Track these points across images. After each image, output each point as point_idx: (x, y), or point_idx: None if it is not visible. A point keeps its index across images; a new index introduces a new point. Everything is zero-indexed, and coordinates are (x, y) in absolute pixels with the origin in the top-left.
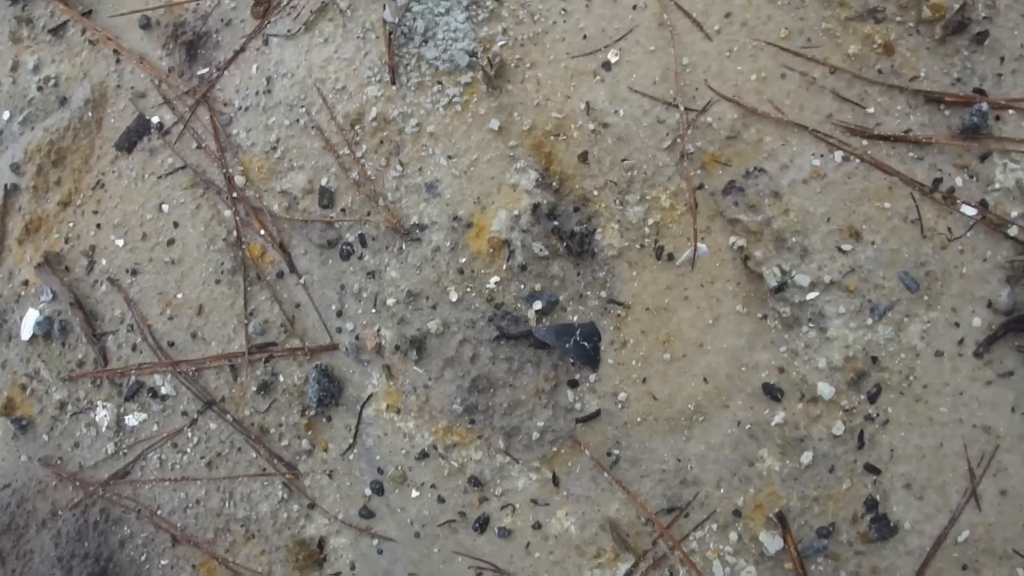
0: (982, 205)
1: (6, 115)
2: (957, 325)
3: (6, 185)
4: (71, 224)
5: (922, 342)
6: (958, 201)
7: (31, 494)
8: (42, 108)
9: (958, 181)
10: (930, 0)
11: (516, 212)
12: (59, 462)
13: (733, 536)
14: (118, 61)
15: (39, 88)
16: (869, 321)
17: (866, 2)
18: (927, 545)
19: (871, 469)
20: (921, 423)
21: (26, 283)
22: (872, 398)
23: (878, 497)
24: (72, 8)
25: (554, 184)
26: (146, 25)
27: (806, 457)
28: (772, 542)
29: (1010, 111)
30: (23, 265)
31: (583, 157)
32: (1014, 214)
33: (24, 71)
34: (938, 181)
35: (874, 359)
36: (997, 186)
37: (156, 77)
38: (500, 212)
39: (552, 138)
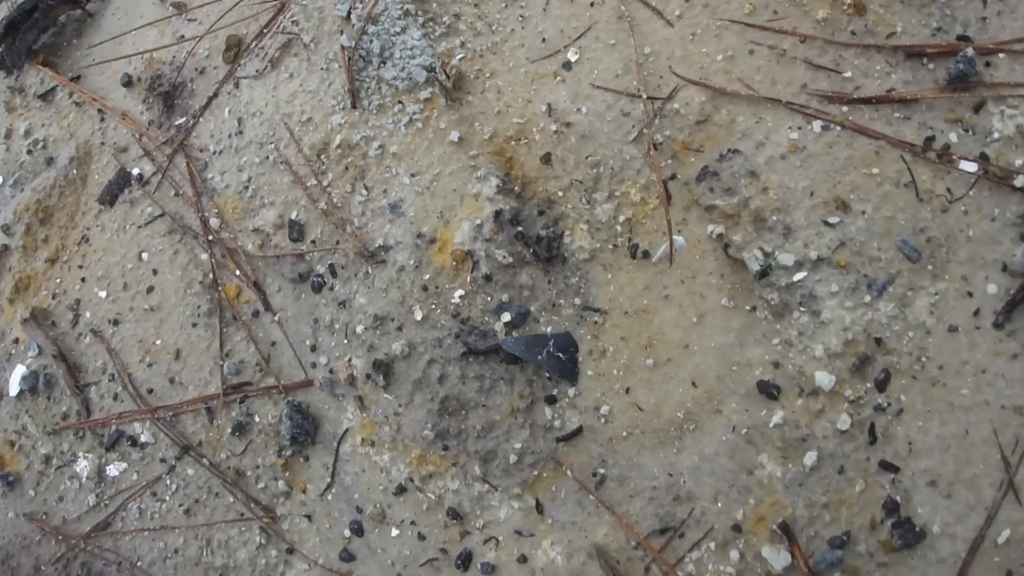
0: (982, 159)
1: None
2: (970, 294)
3: None
4: (58, 280)
5: (932, 317)
6: (955, 158)
7: (16, 550)
8: (31, 170)
9: (952, 136)
10: None
11: (478, 221)
12: (44, 517)
13: (734, 554)
14: (102, 119)
15: (29, 151)
16: (867, 298)
17: None
18: (962, 550)
19: (887, 467)
20: (941, 409)
21: (16, 341)
22: (881, 385)
23: (899, 498)
24: (62, 75)
25: (516, 189)
26: (128, 83)
27: (810, 458)
28: (778, 558)
29: (1000, 54)
30: (14, 324)
31: (546, 159)
32: (1019, 163)
33: (17, 137)
34: (930, 139)
35: (878, 341)
36: (996, 136)
37: (137, 131)
38: (462, 224)
39: (513, 143)
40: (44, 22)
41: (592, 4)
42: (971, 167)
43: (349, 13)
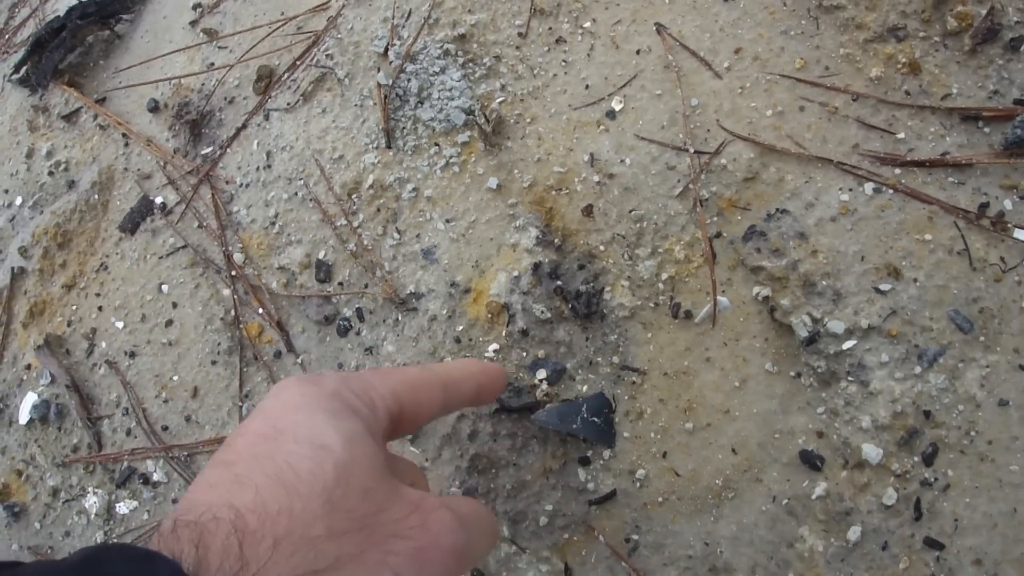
0: None
1: (19, 200)
2: (1022, 368)
3: (13, 268)
4: (74, 307)
5: (982, 390)
6: (1010, 226)
7: None
8: (51, 192)
9: (1007, 203)
10: (955, 10)
11: (516, 273)
12: (49, 551)
13: None
14: (127, 144)
15: (50, 173)
16: (917, 369)
17: (885, 20)
18: None
19: (932, 544)
20: (989, 486)
21: (29, 367)
22: (928, 459)
23: None
24: (87, 96)
25: (556, 241)
26: (154, 108)
27: (854, 533)
28: None
29: None
30: (27, 349)
31: (587, 211)
32: None
33: (38, 157)
34: (984, 206)
35: (927, 413)
36: None
37: (162, 158)
38: (499, 275)
39: (554, 193)
40: (71, 42)
41: (638, 52)
42: None
43: (386, 49)
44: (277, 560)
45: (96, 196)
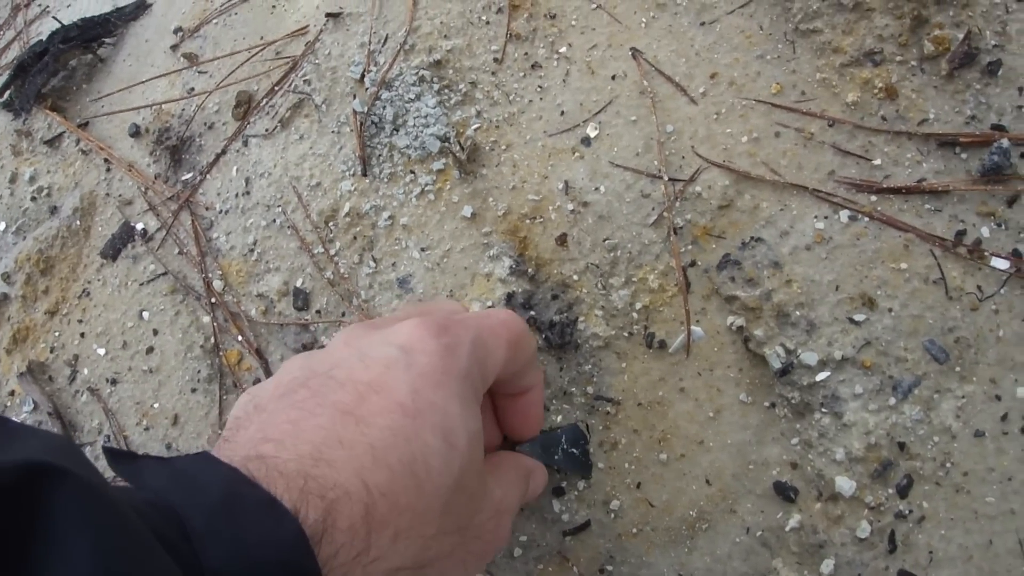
0: (1015, 255)
1: (2, 226)
2: (998, 398)
3: None
4: (57, 333)
5: (958, 421)
6: (987, 253)
7: None
8: (34, 218)
9: (984, 231)
10: (932, 34)
11: (490, 303)
12: None
13: None
14: (108, 169)
15: (33, 198)
16: (892, 401)
17: (862, 44)
18: None
19: None
20: (964, 518)
21: (12, 393)
22: (902, 491)
23: None
24: (70, 120)
25: (530, 271)
26: (136, 133)
27: (827, 566)
28: None
29: None
30: (10, 375)
31: (561, 240)
32: None
33: (21, 182)
34: (961, 233)
35: (901, 445)
36: None
37: (143, 184)
38: (473, 304)
39: (528, 221)
40: (54, 66)
41: (614, 77)
42: (1003, 264)
43: (363, 76)
44: (394, 552)
45: (78, 222)
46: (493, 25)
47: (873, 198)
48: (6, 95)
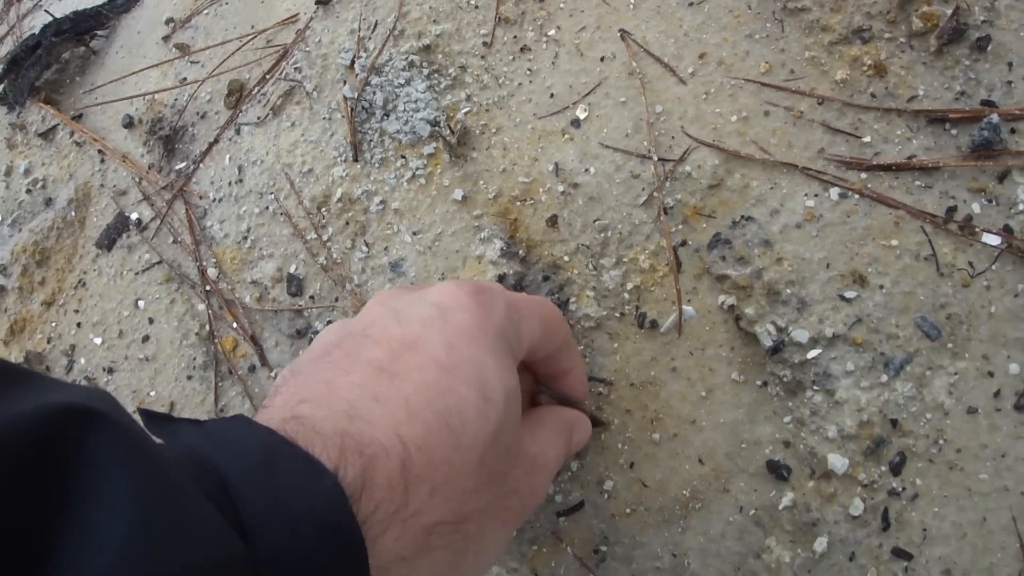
0: (1006, 231)
1: None
2: (991, 374)
3: None
4: (54, 324)
5: (950, 398)
6: (977, 230)
7: None
8: (29, 210)
9: (975, 207)
10: (920, 10)
11: None
12: None
13: None
14: (102, 161)
15: (28, 191)
16: (884, 378)
17: (850, 22)
18: None
19: (900, 554)
20: (958, 495)
21: None
22: (895, 469)
23: None
24: (63, 113)
25: (521, 253)
26: (129, 124)
27: (820, 544)
28: None
29: None
30: None
31: (552, 221)
32: None
33: (16, 175)
34: (952, 210)
35: (894, 422)
36: (1021, 207)
37: (137, 174)
38: None
39: (519, 204)
40: (47, 59)
41: (603, 59)
42: (994, 240)
43: (353, 62)
44: (432, 507)
45: (73, 213)
46: (482, 9)
47: (863, 175)
48: (0, 89)
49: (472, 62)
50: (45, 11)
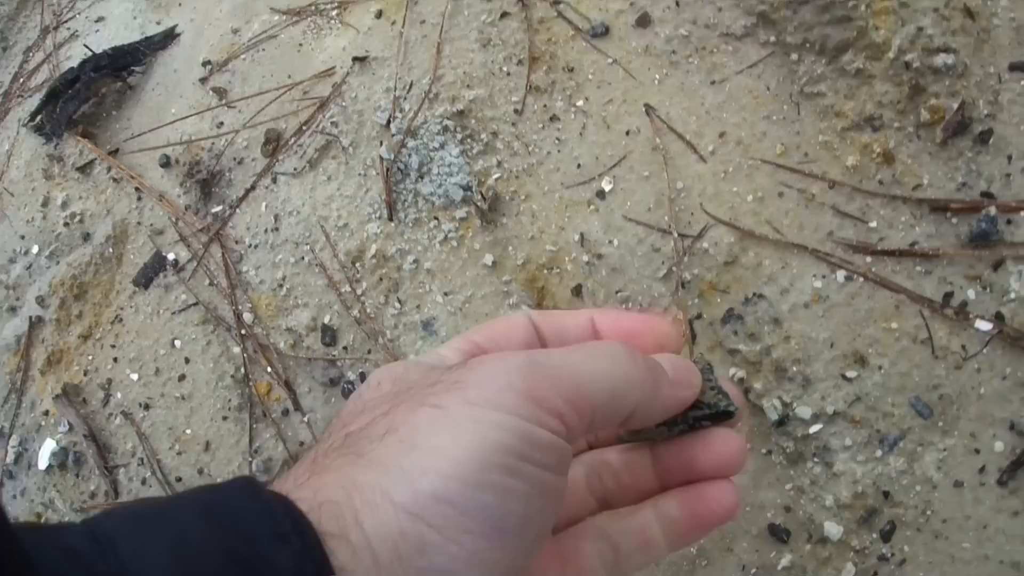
0: (997, 318)
1: (35, 249)
2: (977, 451)
3: (31, 317)
4: (90, 357)
5: (939, 472)
6: (971, 316)
7: None
8: (67, 243)
9: (970, 294)
10: (928, 103)
11: None
12: None
13: None
14: (139, 199)
15: (65, 224)
16: (879, 453)
17: (863, 110)
18: None
19: None
20: (942, 561)
21: (47, 413)
22: (886, 536)
23: None
24: (100, 147)
25: None
26: (166, 164)
27: None
28: None
29: (1022, 213)
30: (45, 395)
31: (576, 290)
32: None
33: (54, 207)
34: (948, 296)
35: (886, 494)
36: (1012, 296)
37: (174, 215)
38: None
39: (545, 272)
40: (86, 93)
41: (628, 133)
42: (986, 326)
43: (389, 122)
44: None
45: (111, 249)
46: (514, 76)
47: (868, 259)
48: (38, 119)
49: (503, 128)
50: (84, 46)
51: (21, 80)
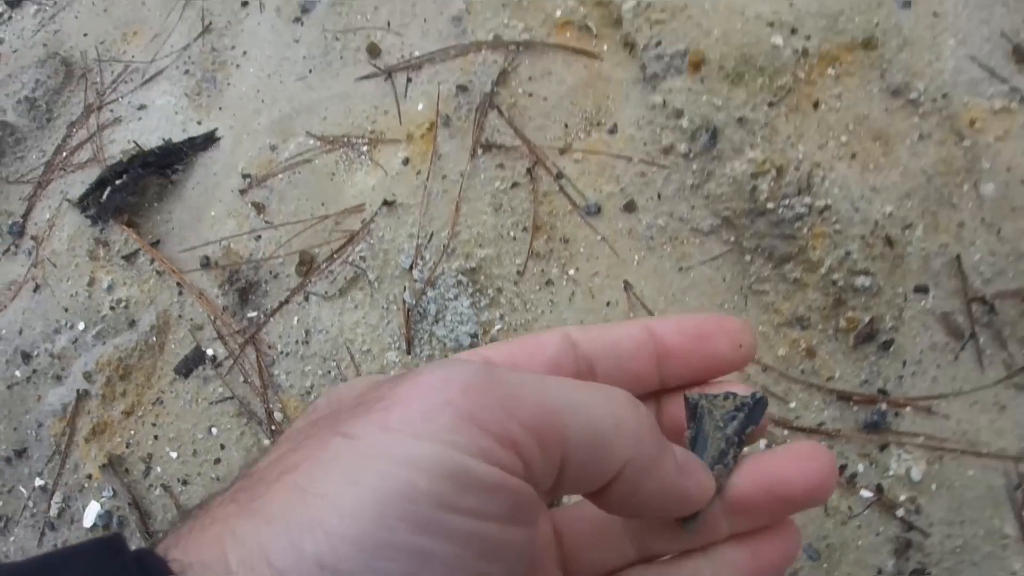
0: (878, 489)
1: (81, 325)
2: None
3: (78, 390)
4: (132, 432)
5: None
6: (858, 485)
7: None
8: (113, 326)
9: (860, 468)
10: (847, 314)
11: None
12: None
13: None
14: (180, 293)
15: (112, 308)
16: None
17: (796, 311)
18: None
19: None
20: None
21: (89, 476)
22: None
23: None
24: (142, 237)
25: None
26: (206, 264)
27: None
28: None
29: (907, 408)
30: (88, 460)
31: None
32: (902, 498)
33: (99, 288)
34: (843, 467)
35: None
36: (891, 473)
37: (212, 313)
38: None
39: None
40: (133, 187)
41: (608, 304)
42: (868, 494)
43: (411, 267)
44: None
45: (154, 338)
46: (519, 241)
47: (786, 432)
48: (85, 202)
49: (507, 286)
50: (133, 142)
51: (64, 154)
